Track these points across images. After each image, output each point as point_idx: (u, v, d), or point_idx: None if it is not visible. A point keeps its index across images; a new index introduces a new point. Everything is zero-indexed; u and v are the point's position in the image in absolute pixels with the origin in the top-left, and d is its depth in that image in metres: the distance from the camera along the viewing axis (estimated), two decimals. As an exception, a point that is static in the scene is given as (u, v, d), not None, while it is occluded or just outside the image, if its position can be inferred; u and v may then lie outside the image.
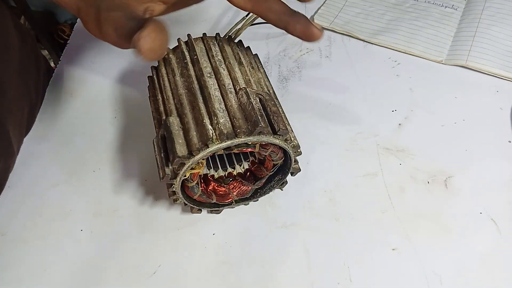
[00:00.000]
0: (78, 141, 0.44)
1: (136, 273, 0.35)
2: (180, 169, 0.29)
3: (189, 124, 0.30)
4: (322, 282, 0.34)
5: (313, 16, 0.54)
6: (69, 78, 0.50)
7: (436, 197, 0.38)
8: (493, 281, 0.33)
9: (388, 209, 0.37)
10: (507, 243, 0.35)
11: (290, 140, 0.31)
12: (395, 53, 0.49)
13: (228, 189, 0.36)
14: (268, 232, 0.37)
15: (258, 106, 0.30)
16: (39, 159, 0.43)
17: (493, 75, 0.46)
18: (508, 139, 0.41)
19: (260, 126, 0.28)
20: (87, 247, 0.37)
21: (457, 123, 0.43)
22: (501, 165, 0.39)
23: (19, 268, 0.36)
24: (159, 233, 0.37)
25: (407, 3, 0.54)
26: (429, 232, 0.36)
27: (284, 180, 0.36)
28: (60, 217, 0.38)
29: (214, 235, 0.37)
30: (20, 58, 0.43)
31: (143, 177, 0.41)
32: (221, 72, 0.33)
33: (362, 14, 0.54)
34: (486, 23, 0.49)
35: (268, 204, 0.38)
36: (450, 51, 0.48)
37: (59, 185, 0.41)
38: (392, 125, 0.43)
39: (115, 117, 0.45)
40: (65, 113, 0.46)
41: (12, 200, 0.40)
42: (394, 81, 0.47)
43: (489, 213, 0.36)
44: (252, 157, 0.37)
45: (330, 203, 0.38)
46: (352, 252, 0.35)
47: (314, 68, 0.49)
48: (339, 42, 0.51)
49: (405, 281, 0.34)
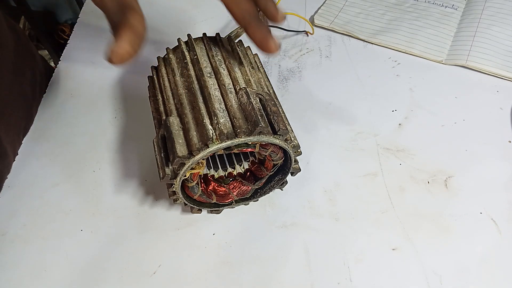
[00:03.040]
0: (78, 141, 0.44)
1: (136, 273, 0.35)
2: (180, 169, 0.29)
3: (189, 124, 0.30)
4: (322, 282, 0.34)
5: (313, 16, 0.54)
6: (69, 78, 0.50)
7: (436, 197, 0.38)
8: (493, 281, 0.33)
9: (388, 209, 0.37)
10: (507, 243, 0.35)
11: (290, 140, 0.31)
12: (395, 53, 0.49)
13: (228, 189, 0.36)
14: (268, 232, 0.37)
15: (258, 106, 0.30)
16: (39, 159, 0.43)
17: (493, 75, 0.46)
18: (508, 139, 0.41)
19: (260, 126, 0.28)
20: (87, 247, 0.37)
21: (457, 123, 0.43)
22: (501, 165, 0.39)
23: (19, 268, 0.36)
24: (159, 233, 0.37)
25: (407, 3, 0.54)
26: (429, 232, 0.36)
27: (284, 180, 0.36)
28: (60, 217, 0.38)
29: (214, 235, 0.37)
30: (14, 59, 0.43)
31: (143, 177, 0.40)
32: (221, 72, 0.33)
33: (362, 14, 0.54)
34: (486, 23, 0.49)
35: (268, 204, 0.38)
36: (450, 51, 0.48)
37: (59, 185, 0.41)
38: (392, 125, 0.43)
39: (115, 117, 0.45)
40: (65, 113, 0.46)
41: (12, 200, 0.40)
42: (394, 81, 0.47)
43: (489, 213, 0.36)
44: (252, 157, 0.37)
45: (330, 203, 0.38)
46: (352, 252, 0.35)
47: (314, 68, 0.49)
48: (339, 42, 0.51)
49: (405, 281, 0.34)
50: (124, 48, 0.25)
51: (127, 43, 0.25)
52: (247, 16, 0.30)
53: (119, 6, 0.27)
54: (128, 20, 0.26)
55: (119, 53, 0.25)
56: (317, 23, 0.53)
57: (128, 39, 0.26)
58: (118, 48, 0.25)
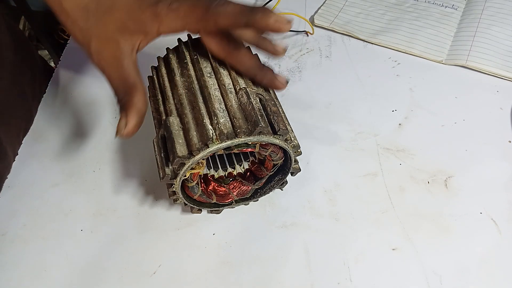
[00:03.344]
0: (78, 141, 0.44)
1: (136, 273, 0.35)
2: (180, 169, 0.29)
3: (189, 124, 0.30)
4: (322, 282, 0.34)
5: (313, 16, 0.54)
6: (69, 78, 0.50)
7: (436, 197, 0.38)
8: (493, 281, 0.33)
9: (388, 209, 0.37)
10: (507, 243, 0.35)
11: (290, 140, 0.31)
12: (395, 53, 0.49)
13: (228, 189, 0.36)
14: (268, 232, 0.37)
15: (258, 106, 0.30)
16: (39, 159, 0.43)
17: (493, 75, 0.46)
18: (508, 139, 0.41)
19: (260, 126, 0.28)
20: (87, 247, 0.37)
21: (457, 123, 0.43)
22: (501, 165, 0.39)
23: (19, 268, 0.36)
24: (159, 233, 0.37)
25: (407, 3, 0.54)
26: (429, 232, 0.36)
27: (284, 180, 0.36)
28: (60, 217, 0.38)
29: (214, 235, 0.37)
30: (14, 59, 0.43)
31: (143, 177, 0.40)
32: (221, 72, 0.33)
33: (362, 14, 0.54)
34: (486, 23, 0.49)
35: (268, 204, 0.38)
36: (450, 51, 0.48)
37: (59, 185, 0.41)
38: (392, 125, 0.43)
39: (115, 117, 0.45)
40: (65, 113, 0.46)
41: (12, 200, 0.40)
42: (394, 81, 0.47)
43: (489, 213, 0.36)
44: (252, 157, 0.37)
45: (330, 203, 0.38)
46: (352, 252, 0.35)
47: (314, 68, 0.49)
48: (339, 42, 0.51)
49: (405, 281, 0.34)
50: (131, 128, 0.29)
51: (133, 124, 0.29)
52: (251, 70, 0.33)
53: (124, 85, 0.30)
54: (133, 101, 0.30)
55: (128, 132, 0.29)
56: (317, 23, 0.53)
57: (134, 120, 0.29)
58: (126, 128, 0.29)
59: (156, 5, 0.30)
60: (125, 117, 0.29)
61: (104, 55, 0.31)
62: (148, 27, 0.31)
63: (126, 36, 0.31)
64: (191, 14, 0.30)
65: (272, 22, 0.28)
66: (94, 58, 0.32)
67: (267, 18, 0.28)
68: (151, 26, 0.31)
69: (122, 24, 0.31)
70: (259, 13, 0.28)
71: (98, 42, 0.31)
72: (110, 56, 0.31)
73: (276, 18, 0.28)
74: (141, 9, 0.30)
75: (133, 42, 0.31)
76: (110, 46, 0.31)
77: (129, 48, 0.31)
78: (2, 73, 0.41)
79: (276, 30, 0.28)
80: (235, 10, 0.29)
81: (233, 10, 0.29)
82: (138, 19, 0.30)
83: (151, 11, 0.30)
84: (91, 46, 0.31)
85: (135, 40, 0.31)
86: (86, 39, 0.31)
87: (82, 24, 0.31)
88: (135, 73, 0.31)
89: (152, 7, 0.30)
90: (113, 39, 0.31)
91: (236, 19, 0.29)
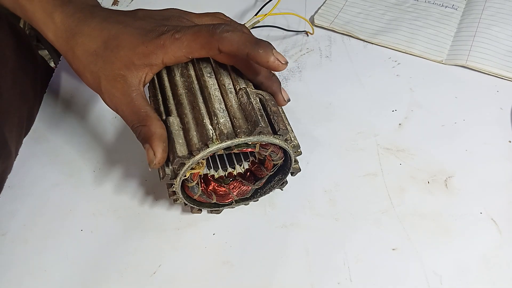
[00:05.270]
0: (78, 141, 0.44)
1: (136, 273, 0.35)
2: (180, 169, 0.29)
3: (189, 124, 0.30)
4: (322, 282, 0.34)
5: (313, 16, 0.54)
6: (69, 78, 0.50)
7: (436, 197, 0.38)
8: (494, 281, 0.33)
9: (388, 209, 0.37)
10: (507, 243, 0.35)
11: (290, 140, 0.31)
12: (395, 53, 0.49)
13: (228, 189, 0.36)
14: (268, 232, 0.37)
15: (258, 106, 0.30)
16: (39, 159, 0.43)
17: (493, 75, 0.46)
18: (508, 139, 0.41)
19: (260, 126, 0.28)
20: (87, 247, 0.37)
21: (457, 123, 0.43)
22: (501, 165, 0.39)
23: (19, 268, 0.36)
24: (159, 233, 0.37)
25: (407, 3, 0.54)
26: (429, 232, 0.36)
27: (284, 180, 0.36)
28: (60, 217, 0.38)
29: (214, 235, 0.37)
30: (16, 59, 0.43)
31: (143, 177, 0.40)
32: (221, 71, 0.33)
33: (362, 14, 0.54)
34: (486, 23, 0.49)
35: (268, 204, 0.38)
36: (450, 51, 0.48)
37: (59, 185, 0.41)
38: (392, 125, 0.43)
39: (115, 117, 0.45)
40: (65, 113, 0.46)
41: (12, 200, 0.40)
42: (394, 81, 0.47)
43: (489, 213, 0.36)
44: (252, 157, 0.37)
45: (330, 203, 0.38)
46: (352, 252, 0.35)
47: (314, 68, 0.49)
48: (339, 42, 0.51)
49: (405, 281, 0.34)
50: (160, 156, 0.29)
51: (160, 151, 0.29)
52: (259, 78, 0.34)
53: (138, 118, 0.31)
54: (151, 130, 0.30)
55: (159, 161, 0.29)
56: (317, 23, 0.53)
57: (160, 147, 0.29)
58: (157, 159, 0.29)
59: (159, 37, 0.31)
60: (151, 148, 0.29)
61: (113, 92, 0.32)
62: (153, 60, 0.31)
63: (133, 71, 0.31)
64: (194, 42, 0.31)
65: (272, 60, 0.29)
66: (105, 98, 0.33)
67: (267, 56, 0.29)
68: (156, 58, 0.31)
69: (128, 61, 0.31)
70: (261, 49, 0.29)
71: (106, 81, 0.32)
72: (120, 93, 0.32)
73: (276, 57, 0.29)
74: (145, 44, 0.31)
75: (139, 76, 0.32)
76: (118, 83, 0.31)
77: (136, 82, 0.32)
78: (6, 72, 0.41)
79: (272, 68, 0.30)
80: (240, 40, 0.30)
81: (238, 39, 0.30)
82: (143, 54, 0.31)
83: (154, 45, 0.31)
84: (101, 86, 0.32)
85: (141, 74, 0.32)
86: (97, 81, 0.32)
87: (92, 67, 0.32)
88: (145, 104, 0.31)
89: (155, 40, 0.31)
90: (121, 75, 0.31)
91: (239, 49, 0.30)
